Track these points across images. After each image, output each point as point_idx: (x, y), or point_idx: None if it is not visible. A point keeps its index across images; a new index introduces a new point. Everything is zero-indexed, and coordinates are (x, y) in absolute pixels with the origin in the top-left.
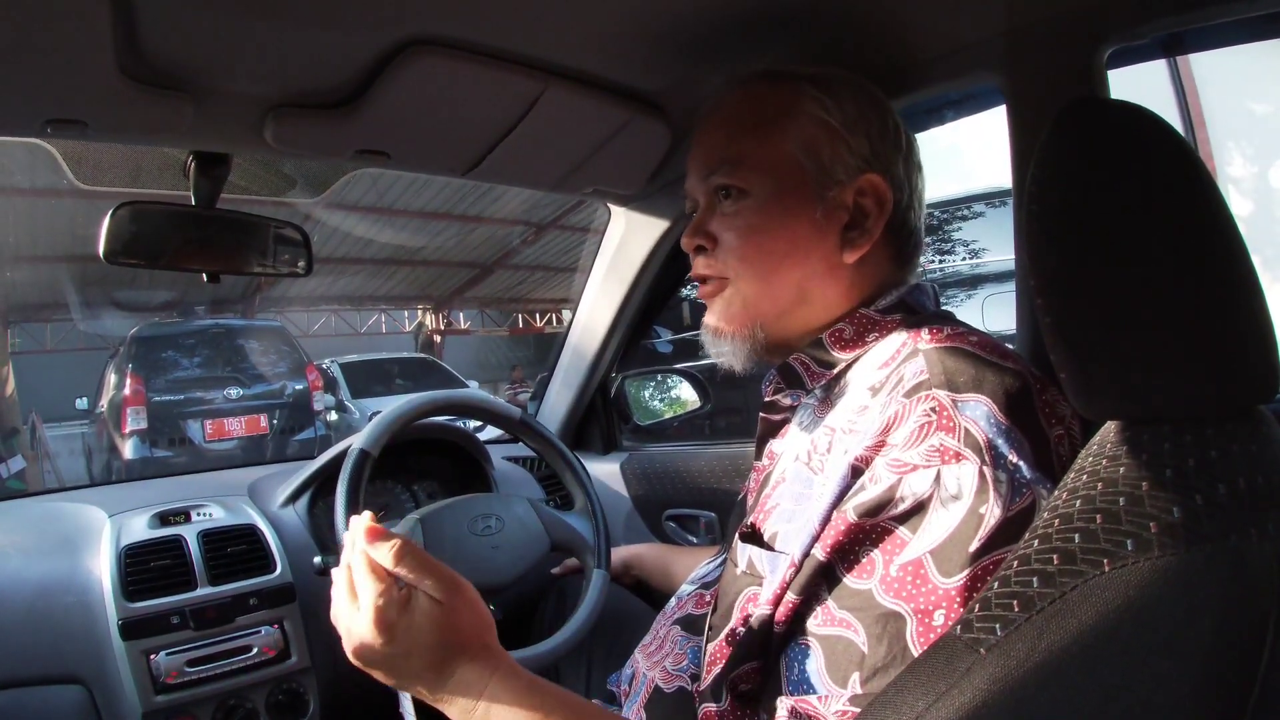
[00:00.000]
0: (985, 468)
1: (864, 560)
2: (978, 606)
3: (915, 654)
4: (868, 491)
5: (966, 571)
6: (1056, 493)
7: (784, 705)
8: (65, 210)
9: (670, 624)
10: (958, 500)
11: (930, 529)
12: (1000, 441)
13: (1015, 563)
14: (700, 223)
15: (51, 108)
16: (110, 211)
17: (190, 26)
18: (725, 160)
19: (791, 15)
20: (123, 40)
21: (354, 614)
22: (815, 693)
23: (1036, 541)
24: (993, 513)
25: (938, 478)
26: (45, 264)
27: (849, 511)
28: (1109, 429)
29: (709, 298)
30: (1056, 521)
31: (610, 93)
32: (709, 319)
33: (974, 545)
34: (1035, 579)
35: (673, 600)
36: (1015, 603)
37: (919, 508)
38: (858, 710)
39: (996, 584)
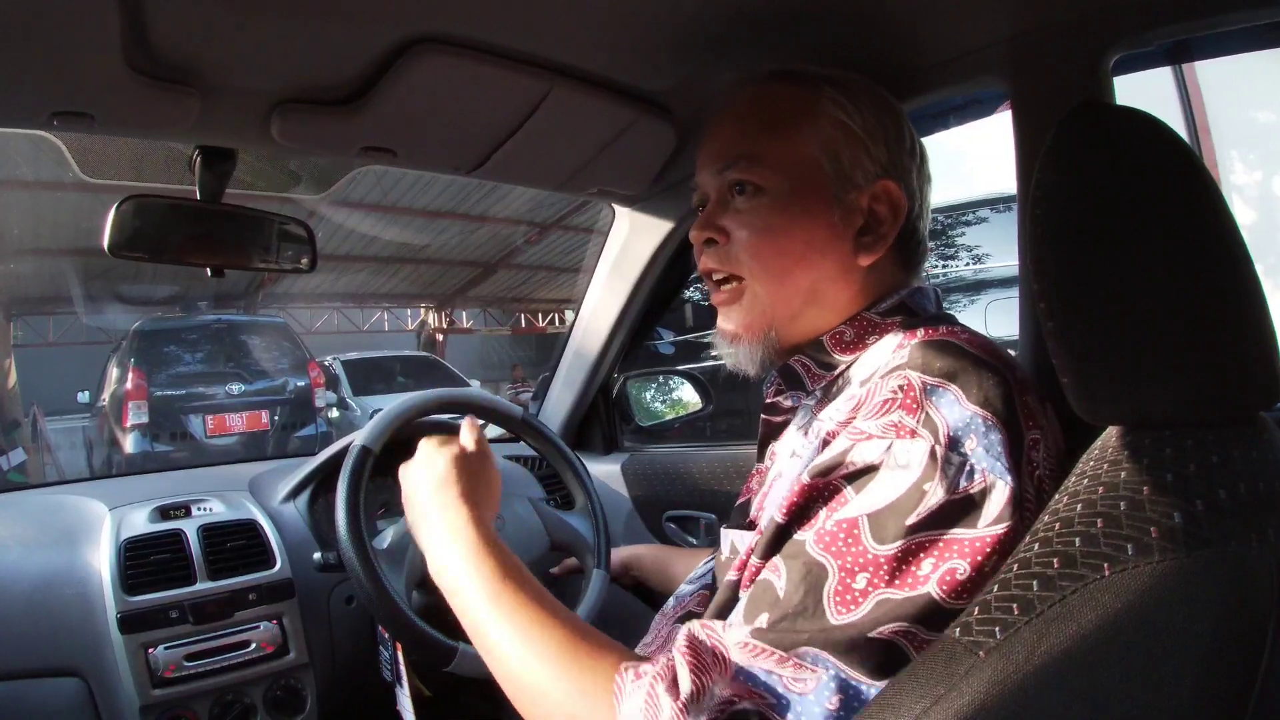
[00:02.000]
0: (938, 447)
1: (811, 516)
2: (977, 609)
3: (828, 611)
4: (823, 455)
5: (900, 543)
6: (1057, 496)
7: (693, 629)
8: (69, 203)
9: (671, 624)
10: (905, 470)
11: (872, 492)
12: (960, 428)
13: (1015, 566)
14: (711, 216)
15: (58, 100)
16: (115, 205)
17: (198, 21)
18: (742, 155)
19: (799, 17)
20: (130, 34)
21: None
22: (722, 620)
23: (1036, 545)
24: (936, 492)
25: (889, 448)
26: (49, 257)
27: (804, 475)
28: (1110, 434)
29: (725, 304)
30: (1057, 525)
31: (616, 93)
32: (724, 323)
33: (911, 519)
34: (1035, 582)
35: (672, 600)
36: (1015, 606)
37: (868, 470)
38: (756, 644)
39: (996, 586)
